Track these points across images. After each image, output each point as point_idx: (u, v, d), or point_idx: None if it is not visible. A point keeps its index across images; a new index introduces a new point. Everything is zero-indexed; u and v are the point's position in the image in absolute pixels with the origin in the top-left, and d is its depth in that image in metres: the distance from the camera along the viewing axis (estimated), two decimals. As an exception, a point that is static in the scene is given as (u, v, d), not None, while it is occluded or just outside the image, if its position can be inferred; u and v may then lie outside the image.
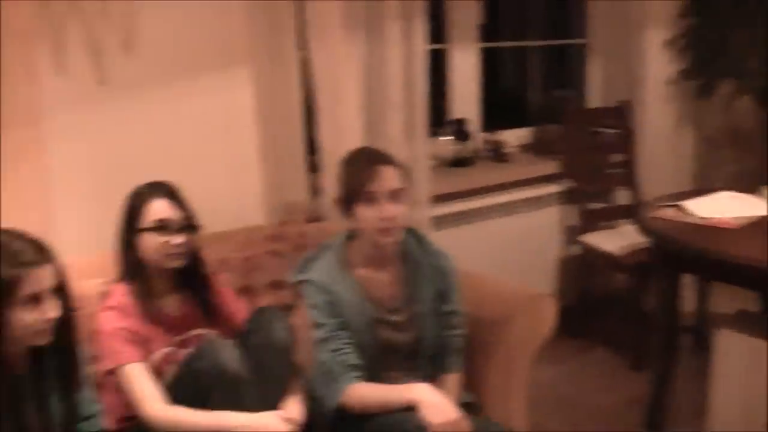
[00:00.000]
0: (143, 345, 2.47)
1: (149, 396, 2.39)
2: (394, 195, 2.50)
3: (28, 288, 1.99)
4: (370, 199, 2.49)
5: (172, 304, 2.61)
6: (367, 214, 2.51)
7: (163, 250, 2.50)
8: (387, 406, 2.41)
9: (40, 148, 2.86)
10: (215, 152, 3.26)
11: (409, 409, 2.35)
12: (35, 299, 2.01)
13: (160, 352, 2.52)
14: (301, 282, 2.63)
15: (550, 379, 4.00)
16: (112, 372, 2.43)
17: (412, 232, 2.70)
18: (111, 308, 2.49)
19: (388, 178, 2.50)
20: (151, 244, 2.51)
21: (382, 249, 2.59)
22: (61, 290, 2.10)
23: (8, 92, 2.74)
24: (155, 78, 3.09)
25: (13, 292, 1.98)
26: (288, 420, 2.38)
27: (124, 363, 2.42)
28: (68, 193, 2.94)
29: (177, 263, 2.55)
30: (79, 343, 2.22)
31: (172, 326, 2.57)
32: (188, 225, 2.55)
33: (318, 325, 2.55)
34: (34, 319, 2.02)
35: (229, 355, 2.37)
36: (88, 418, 2.27)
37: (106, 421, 2.36)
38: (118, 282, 2.56)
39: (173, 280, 2.61)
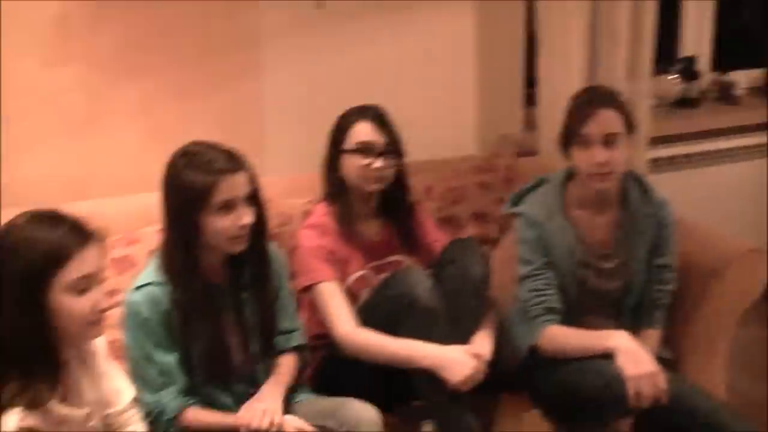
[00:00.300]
0: (340, 266, 2.53)
1: (341, 316, 2.42)
2: (610, 140, 2.42)
3: (221, 195, 2.08)
4: (584, 142, 2.43)
5: (371, 228, 2.64)
6: (580, 157, 2.46)
7: (363, 172, 2.51)
8: (583, 352, 2.38)
9: (258, 70, 2.98)
10: (431, 80, 3.28)
11: (606, 357, 2.31)
12: (229, 206, 2.10)
13: (356, 274, 2.57)
14: (513, 214, 2.61)
15: (759, 344, 3.79)
16: (307, 289, 2.49)
17: (635, 177, 2.62)
18: (312, 226, 2.55)
19: (604, 121, 2.42)
20: (352, 166, 2.53)
21: (598, 192, 2.52)
22: (254, 198, 2.18)
23: (229, 18, 2.87)
24: (374, 3, 3.11)
25: (207, 199, 2.08)
26: (475, 356, 2.36)
27: (320, 281, 2.47)
28: (281, 114, 3.06)
29: (376, 187, 2.55)
30: (271, 253, 2.30)
31: (370, 250, 2.60)
32: (391, 150, 2.54)
33: (523, 261, 2.54)
34: (229, 225, 2.11)
35: (423, 285, 2.38)
36: (289, 331, 2.37)
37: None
38: (321, 202, 2.62)
39: (375, 204, 2.63)
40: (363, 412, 2.19)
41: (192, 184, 2.09)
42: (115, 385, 1.96)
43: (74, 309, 1.72)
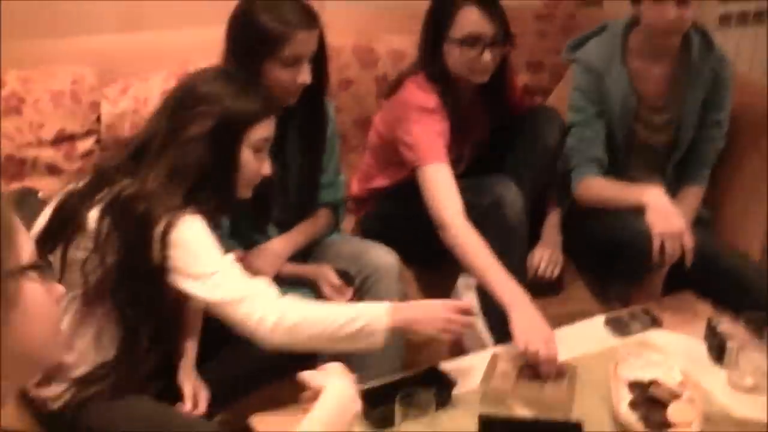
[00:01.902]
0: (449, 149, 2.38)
1: (452, 205, 2.24)
2: None
3: (291, 49, 2.08)
4: None
5: (473, 114, 2.53)
6: (651, 11, 2.39)
7: (472, 65, 2.34)
8: (617, 204, 2.40)
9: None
10: None
11: (639, 211, 2.31)
12: (294, 61, 2.10)
13: None
14: (571, 60, 2.59)
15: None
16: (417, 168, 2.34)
17: (700, 31, 2.54)
18: (424, 110, 2.36)
19: None
20: (458, 57, 2.34)
21: (662, 43, 2.48)
22: (319, 59, 2.17)
23: None
24: None
25: (276, 49, 2.08)
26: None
27: (431, 163, 2.31)
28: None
29: (484, 78, 2.38)
30: (326, 112, 2.33)
31: (462, 126, 2.47)
32: (500, 40, 2.35)
33: (575, 109, 2.53)
34: (287, 79, 2.12)
35: (512, 197, 2.31)
36: (328, 185, 2.40)
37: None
38: (421, 76, 2.42)
39: (479, 90, 2.49)
40: (382, 257, 2.23)
41: (265, 29, 2.08)
42: None
43: (251, 164, 1.86)
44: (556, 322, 2.23)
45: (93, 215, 1.73)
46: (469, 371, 2.00)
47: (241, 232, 2.27)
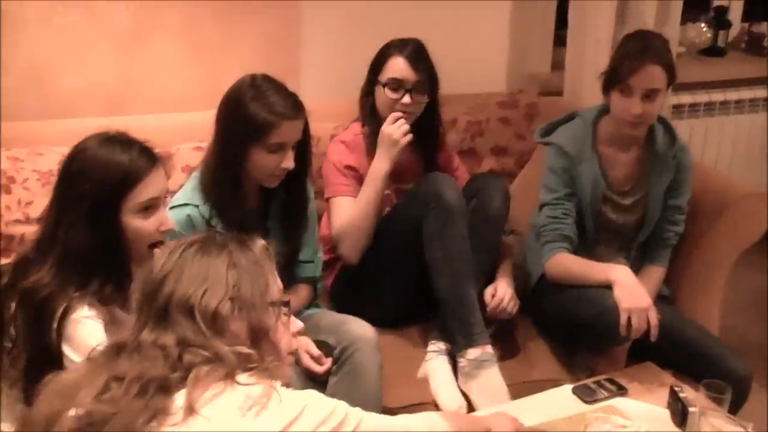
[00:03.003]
0: (361, 182, 2.63)
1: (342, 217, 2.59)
2: (650, 94, 2.50)
3: (277, 137, 2.22)
4: (625, 91, 2.51)
5: (399, 154, 2.68)
6: (618, 103, 2.54)
7: (392, 106, 2.60)
8: (585, 280, 2.50)
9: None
10: (467, 17, 3.37)
11: (606, 287, 2.42)
12: (279, 148, 2.24)
13: None
14: (544, 144, 2.72)
15: (763, 286, 3.89)
16: (328, 200, 2.66)
17: (662, 120, 2.71)
18: (342, 141, 2.70)
19: (649, 77, 2.48)
20: (382, 97, 2.63)
21: (629, 133, 2.62)
22: (302, 146, 2.31)
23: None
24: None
25: (263, 137, 2.22)
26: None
27: (339, 195, 2.64)
28: (317, 40, 3.16)
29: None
30: (307, 194, 2.44)
31: (394, 173, 2.66)
32: (421, 88, 2.63)
33: (547, 189, 2.65)
34: (273, 164, 2.25)
35: (451, 186, 2.51)
36: (307, 261, 2.51)
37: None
38: (357, 121, 2.74)
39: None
40: (360, 330, 2.34)
41: (254, 118, 2.21)
42: None
43: (141, 229, 1.83)
44: (524, 390, 2.36)
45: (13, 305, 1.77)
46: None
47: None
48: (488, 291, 2.57)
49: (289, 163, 2.27)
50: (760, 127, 4.14)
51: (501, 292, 2.57)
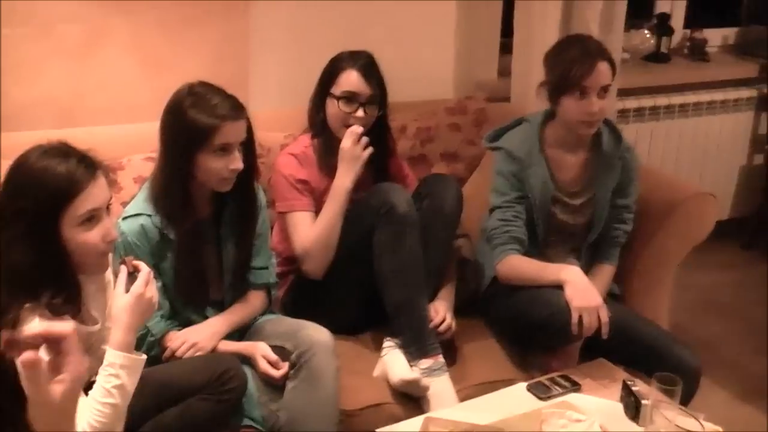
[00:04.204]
0: (315, 196, 2.67)
1: (306, 237, 2.60)
2: (604, 90, 2.55)
3: (221, 138, 2.23)
4: (582, 92, 2.55)
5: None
6: (573, 107, 2.58)
7: (344, 119, 2.62)
8: (536, 281, 2.54)
9: (246, 7, 3.10)
10: (413, 26, 3.41)
11: (558, 287, 2.47)
12: (225, 150, 2.25)
13: None
14: (493, 149, 2.76)
15: (711, 285, 4.03)
16: (281, 215, 2.67)
17: (607, 122, 2.76)
18: (292, 155, 2.69)
19: (602, 73, 2.54)
20: (335, 110, 2.63)
21: (577, 135, 2.67)
22: (248, 146, 2.32)
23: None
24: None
25: (207, 140, 2.22)
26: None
27: (295, 210, 2.64)
28: (266, 51, 3.18)
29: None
30: (256, 197, 2.44)
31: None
32: (374, 101, 2.65)
33: (497, 193, 2.69)
34: (221, 167, 2.26)
35: (402, 196, 2.53)
36: (261, 268, 2.52)
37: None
38: (305, 133, 2.75)
39: None
40: (317, 335, 2.35)
41: (195, 123, 2.22)
42: None
43: (85, 241, 1.80)
44: (479, 391, 2.40)
45: None
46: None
47: (179, 312, 2.38)
48: (431, 307, 2.60)
49: (237, 163, 2.27)
50: (704, 130, 4.26)
51: (442, 313, 2.59)
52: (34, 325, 1.39)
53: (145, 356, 1.88)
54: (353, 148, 2.56)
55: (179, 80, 2.34)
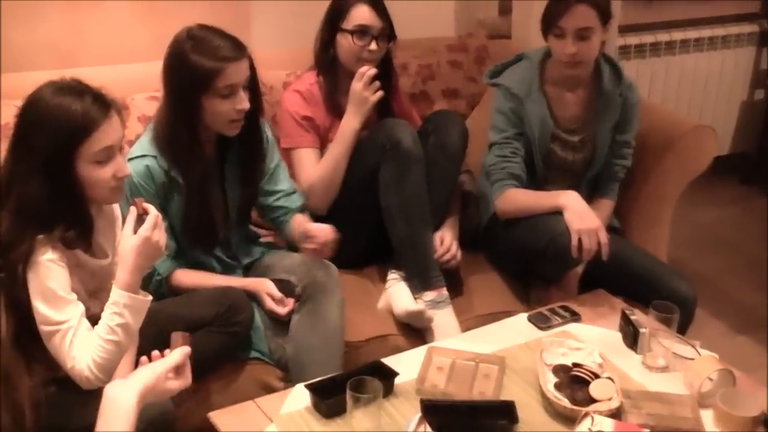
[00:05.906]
0: (319, 133, 2.69)
1: (310, 174, 2.63)
2: (582, 34, 2.54)
3: (225, 80, 2.22)
4: (558, 33, 2.56)
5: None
6: (554, 46, 2.60)
7: (358, 53, 2.62)
8: (535, 209, 2.56)
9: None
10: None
11: (557, 213, 2.48)
12: (231, 91, 2.24)
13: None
14: (492, 85, 2.77)
15: (711, 221, 4.06)
16: (286, 150, 2.67)
17: (608, 60, 2.76)
18: (297, 92, 2.71)
19: (578, 16, 2.53)
20: (347, 45, 2.63)
21: (571, 74, 2.66)
22: (252, 85, 2.32)
23: None
24: None
25: (212, 83, 2.21)
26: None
27: (299, 147, 2.67)
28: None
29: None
30: (263, 137, 2.45)
31: None
32: (386, 34, 2.66)
33: (496, 129, 2.70)
34: (228, 109, 2.25)
35: (407, 132, 2.56)
36: (291, 193, 2.54)
37: None
38: (310, 71, 2.76)
39: None
40: (322, 268, 2.39)
41: (198, 67, 2.21)
42: None
43: (98, 178, 1.84)
44: (481, 323, 2.46)
45: None
46: (408, 363, 2.13)
47: (185, 253, 2.40)
48: (437, 236, 2.64)
49: (243, 103, 2.27)
50: (705, 66, 4.25)
51: (447, 242, 2.63)
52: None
53: (150, 297, 1.90)
54: (363, 90, 2.57)
55: (181, 21, 2.33)
